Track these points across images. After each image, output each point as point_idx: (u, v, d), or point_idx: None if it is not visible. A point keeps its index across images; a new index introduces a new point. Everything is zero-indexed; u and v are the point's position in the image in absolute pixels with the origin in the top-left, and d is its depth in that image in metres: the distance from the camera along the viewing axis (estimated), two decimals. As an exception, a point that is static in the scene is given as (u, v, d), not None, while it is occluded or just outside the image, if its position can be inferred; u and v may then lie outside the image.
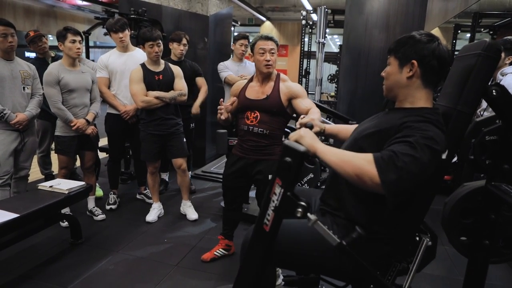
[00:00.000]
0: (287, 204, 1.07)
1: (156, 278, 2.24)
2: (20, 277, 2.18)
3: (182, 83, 2.96)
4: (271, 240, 1.15)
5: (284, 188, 1.07)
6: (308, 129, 1.23)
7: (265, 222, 1.12)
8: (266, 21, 12.92)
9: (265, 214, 1.12)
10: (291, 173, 1.06)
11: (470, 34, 5.91)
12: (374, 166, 1.06)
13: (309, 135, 1.19)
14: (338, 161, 1.12)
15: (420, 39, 1.22)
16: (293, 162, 1.05)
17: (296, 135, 1.20)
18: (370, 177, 1.05)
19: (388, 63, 1.31)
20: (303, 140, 1.17)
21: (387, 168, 1.04)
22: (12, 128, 2.57)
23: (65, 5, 10.06)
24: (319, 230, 1.07)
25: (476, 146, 1.43)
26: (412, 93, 1.25)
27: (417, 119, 1.15)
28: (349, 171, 1.09)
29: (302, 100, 2.15)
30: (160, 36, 2.83)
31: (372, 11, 3.47)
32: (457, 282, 2.21)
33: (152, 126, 2.90)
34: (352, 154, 1.13)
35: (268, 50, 2.12)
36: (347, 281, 1.47)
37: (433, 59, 1.20)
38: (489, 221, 1.36)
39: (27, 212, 2.11)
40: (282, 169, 1.07)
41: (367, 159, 1.08)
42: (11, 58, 2.60)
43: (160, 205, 3.15)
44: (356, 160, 1.10)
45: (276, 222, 1.11)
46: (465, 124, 1.23)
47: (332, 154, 1.14)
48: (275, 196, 1.09)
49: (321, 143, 1.18)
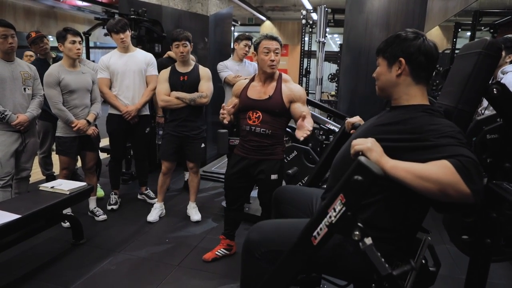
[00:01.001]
0: (345, 224, 1.01)
1: (157, 278, 2.24)
2: (22, 278, 2.19)
3: (207, 85, 2.92)
4: (315, 254, 1.10)
5: (346, 207, 1.00)
6: (376, 142, 1.09)
7: (314, 235, 1.06)
8: (266, 21, 12.93)
9: (317, 227, 1.06)
10: (358, 194, 0.98)
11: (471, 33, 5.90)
12: (457, 175, 0.96)
13: (378, 149, 1.07)
14: (413, 177, 1.01)
15: (406, 37, 1.23)
16: (364, 182, 0.96)
17: (363, 145, 1.08)
18: (456, 188, 0.96)
19: (377, 64, 1.32)
20: (371, 154, 1.05)
21: (471, 176, 0.96)
22: (13, 129, 2.58)
23: (65, 6, 10.06)
24: (371, 256, 1.01)
25: (477, 145, 1.43)
26: (405, 90, 1.25)
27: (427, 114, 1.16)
28: (429, 186, 0.99)
29: (301, 106, 2.17)
30: (188, 37, 2.82)
31: (372, 10, 3.47)
32: (458, 281, 2.21)
33: (171, 126, 2.92)
34: (426, 167, 1.01)
35: (272, 50, 2.12)
36: (349, 280, 1.47)
37: (420, 55, 1.21)
38: (490, 220, 1.36)
39: (28, 213, 2.11)
40: (351, 187, 0.98)
41: (446, 169, 0.97)
42: (12, 59, 2.60)
43: (162, 205, 3.15)
44: (435, 173, 0.98)
45: (326, 237, 1.05)
46: (466, 123, 1.23)
47: (405, 170, 1.03)
48: (333, 212, 1.02)
49: (388, 157, 1.06)
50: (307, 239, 1.08)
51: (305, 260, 1.13)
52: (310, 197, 1.62)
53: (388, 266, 1.03)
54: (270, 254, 1.29)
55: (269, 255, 1.29)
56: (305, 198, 1.63)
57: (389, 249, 1.27)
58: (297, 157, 2.68)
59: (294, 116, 2.16)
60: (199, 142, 2.99)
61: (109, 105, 3.17)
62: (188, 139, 2.94)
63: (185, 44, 2.80)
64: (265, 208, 2.28)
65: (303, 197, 1.64)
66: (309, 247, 1.09)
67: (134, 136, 3.26)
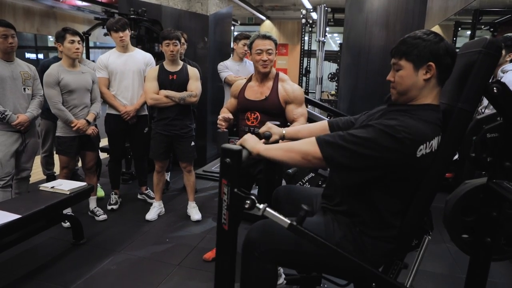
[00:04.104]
0: (237, 200, 1.15)
1: (158, 278, 2.24)
2: (22, 278, 2.19)
3: (195, 84, 2.93)
4: (233, 238, 1.22)
5: (231, 186, 1.15)
6: (251, 134, 1.35)
7: (223, 222, 1.20)
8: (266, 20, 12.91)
9: (221, 214, 1.19)
10: (233, 172, 1.15)
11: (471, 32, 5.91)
12: (316, 145, 1.17)
13: (252, 139, 1.30)
14: (282, 152, 1.24)
15: (429, 39, 1.20)
16: (231, 161, 1.14)
17: (240, 140, 1.31)
18: (313, 155, 1.17)
19: (397, 67, 1.25)
20: (246, 143, 1.28)
21: (327, 145, 1.17)
22: (13, 129, 2.58)
23: (64, 6, 10.05)
24: (269, 215, 1.15)
25: (477, 144, 1.43)
26: (427, 92, 1.23)
27: (396, 109, 1.24)
28: (295, 156, 1.20)
29: (294, 108, 2.15)
30: (178, 36, 2.83)
31: (372, 9, 3.47)
32: (459, 280, 2.21)
33: (160, 125, 2.92)
34: (297, 142, 1.25)
35: (265, 50, 2.09)
36: (349, 280, 1.47)
37: (448, 57, 1.19)
38: (490, 219, 1.36)
39: (29, 213, 2.11)
40: (225, 169, 1.16)
41: (310, 142, 1.20)
42: (11, 59, 2.60)
43: (161, 204, 3.16)
44: (300, 145, 1.22)
45: (233, 220, 1.18)
46: (466, 122, 1.23)
47: (275, 148, 1.27)
48: (225, 195, 1.17)
49: (263, 144, 1.30)
50: (221, 228, 1.20)
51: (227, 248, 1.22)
52: (310, 196, 1.62)
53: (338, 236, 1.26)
54: (270, 253, 1.29)
55: (269, 254, 1.29)
56: (305, 197, 1.63)
57: (390, 248, 1.28)
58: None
59: (288, 119, 2.16)
60: (189, 141, 2.99)
61: (107, 105, 3.17)
62: (178, 138, 2.94)
63: (175, 43, 2.81)
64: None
65: (303, 196, 1.64)
66: (224, 234, 1.20)
67: (133, 136, 3.26)
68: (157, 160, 3.02)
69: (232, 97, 2.33)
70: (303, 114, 2.16)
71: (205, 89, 3.68)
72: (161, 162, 3.03)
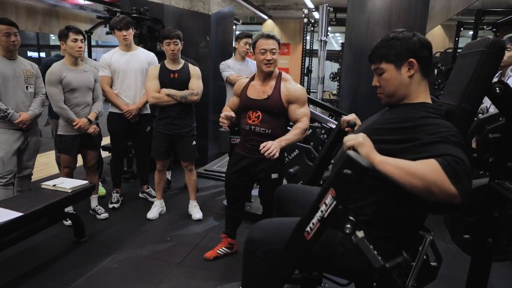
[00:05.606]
0: (337, 218, 1.01)
1: (159, 276, 2.24)
2: (24, 275, 2.20)
3: (197, 83, 2.93)
4: (309, 250, 1.10)
5: (337, 201, 1.00)
6: (367, 137, 1.10)
7: (307, 230, 1.07)
8: (268, 20, 12.91)
9: (309, 222, 1.06)
10: (348, 187, 0.99)
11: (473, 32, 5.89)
12: (443, 174, 0.95)
13: (368, 144, 1.08)
14: (401, 173, 1.00)
15: (402, 37, 1.23)
16: (353, 176, 0.96)
17: (354, 140, 1.09)
18: (441, 187, 0.95)
19: (380, 71, 1.27)
20: (361, 149, 1.06)
21: (458, 175, 0.94)
22: (15, 128, 2.58)
23: (67, 5, 10.08)
24: (363, 248, 1.02)
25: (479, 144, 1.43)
26: (415, 88, 1.25)
27: (426, 115, 1.17)
28: (415, 183, 0.98)
29: (297, 108, 2.16)
30: (179, 35, 2.83)
31: (374, 8, 3.46)
32: (460, 280, 2.20)
33: (162, 124, 2.92)
34: (414, 164, 1.01)
35: (269, 50, 2.10)
36: (350, 279, 1.47)
37: (424, 49, 1.22)
38: (492, 219, 1.36)
39: (30, 211, 2.12)
40: (340, 180, 0.99)
41: (432, 167, 0.97)
42: (14, 57, 2.61)
43: (162, 203, 3.16)
44: (420, 170, 0.98)
45: (319, 232, 1.06)
46: (469, 122, 1.23)
47: (393, 165, 1.03)
48: (324, 206, 1.03)
49: (377, 153, 1.07)
50: (301, 235, 1.09)
51: (299, 255, 1.13)
52: (312, 195, 1.61)
53: (381, 259, 1.03)
54: (271, 252, 1.29)
55: (270, 253, 1.29)
56: (306, 196, 1.63)
57: (391, 248, 1.28)
58: (298, 156, 2.68)
59: (291, 119, 2.18)
60: (190, 140, 2.99)
61: (109, 103, 3.17)
62: (180, 137, 2.94)
63: (176, 42, 2.81)
64: (266, 206, 2.28)
65: (305, 195, 1.64)
66: (302, 243, 1.09)
67: (135, 135, 3.27)
68: (158, 159, 3.02)
69: (235, 95, 2.34)
70: (306, 114, 2.17)
71: (206, 88, 3.68)
72: (162, 161, 3.04)
